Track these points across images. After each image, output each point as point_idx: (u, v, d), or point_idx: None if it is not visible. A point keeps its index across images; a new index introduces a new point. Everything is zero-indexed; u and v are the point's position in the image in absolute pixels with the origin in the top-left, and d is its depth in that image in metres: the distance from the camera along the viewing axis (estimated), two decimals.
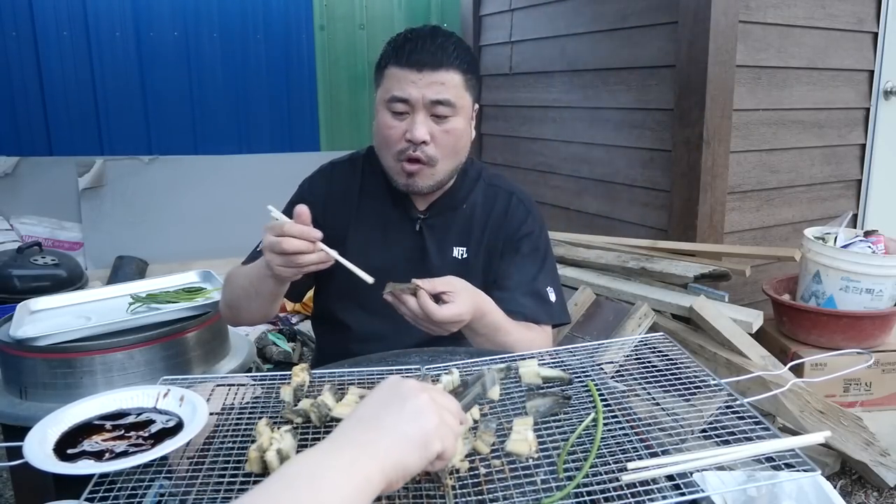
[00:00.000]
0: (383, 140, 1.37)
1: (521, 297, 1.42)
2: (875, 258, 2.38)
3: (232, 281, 1.41)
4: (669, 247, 2.65)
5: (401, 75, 1.32)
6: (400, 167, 1.36)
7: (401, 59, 1.32)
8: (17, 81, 3.60)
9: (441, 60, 1.31)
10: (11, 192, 3.59)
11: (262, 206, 1.24)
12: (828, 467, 2.12)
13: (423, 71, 1.30)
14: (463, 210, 1.48)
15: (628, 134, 3.00)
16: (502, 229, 1.48)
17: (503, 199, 1.50)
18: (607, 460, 0.82)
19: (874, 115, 3.09)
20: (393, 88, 1.33)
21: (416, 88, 1.31)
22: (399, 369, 1.10)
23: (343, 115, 4.31)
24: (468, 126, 1.40)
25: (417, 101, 1.31)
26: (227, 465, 0.86)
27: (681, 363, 1.08)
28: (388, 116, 1.35)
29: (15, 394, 1.33)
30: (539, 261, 1.49)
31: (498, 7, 3.76)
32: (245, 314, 1.40)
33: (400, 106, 1.33)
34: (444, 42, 1.33)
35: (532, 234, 1.49)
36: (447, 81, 1.32)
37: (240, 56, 4.01)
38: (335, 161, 1.56)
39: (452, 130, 1.35)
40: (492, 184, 1.52)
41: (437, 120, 1.33)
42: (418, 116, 1.32)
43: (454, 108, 1.33)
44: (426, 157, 1.34)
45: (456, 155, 1.39)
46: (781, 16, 2.70)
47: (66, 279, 2.82)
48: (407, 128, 1.33)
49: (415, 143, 1.32)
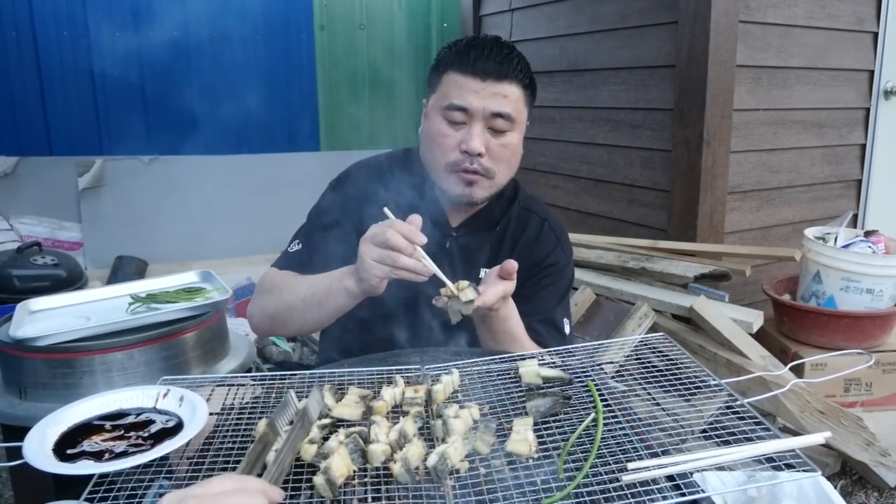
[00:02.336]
0: (436, 148, 1.32)
1: (536, 324, 1.40)
2: (875, 258, 2.38)
3: (282, 290, 1.33)
4: (669, 247, 2.65)
5: (462, 82, 1.27)
6: (456, 178, 1.31)
7: (465, 65, 1.27)
8: (17, 81, 3.59)
9: (506, 72, 1.27)
10: (11, 192, 3.59)
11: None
12: (828, 468, 2.12)
13: (486, 80, 1.26)
14: (496, 231, 1.45)
15: (628, 134, 3.00)
16: (531, 255, 1.44)
17: (535, 224, 1.47)
18: (607, 460, 0.82)
19: (874, 115, 3.09)
20: (452, 96, 1.28)
21: (478, 98, 1.26)
22: (399, 369, 1.10)
23: (343, 115, 4.31)
24: (521, 142, 1.37)
25: (477, 112, 1.27)
26: (227, 465, 0.86)
27: (681, 363, 1.08)
28: (444, 124, 1.30)
29: (14, 394, 1.33)
30: (560, 293, 1.46)
31: (498, 7, 3.76)
32: (293, 326, 1.33)
33: (458, 115, 1.28)
34: (510, 54, 1.30)
35: (558, 265, 1.46)
36: (509, 94, 1.28)
37: (240, 56, 4.01)
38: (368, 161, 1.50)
39: (509, 145, 1.31)
40: (526, 207, 1.49)
41: (494, 133, 1.29)
42: (475, 128, 1.27)
43: (512, 123, 1.30)
44: (483, 169, 1.30)
45: (510, 169, 1.36)
46: (781, 16, 2.70)
47: (66, 279, 2.81)
48: (462, 138, 1.28)
49: (470, 155, 1.28)
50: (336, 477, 0.78)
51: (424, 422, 0.94)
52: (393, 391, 0.99)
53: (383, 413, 0.95)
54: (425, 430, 0.92)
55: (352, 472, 0.82)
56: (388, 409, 0.96)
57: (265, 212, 3.82)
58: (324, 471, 0.78)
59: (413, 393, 0.98)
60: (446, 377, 1.02)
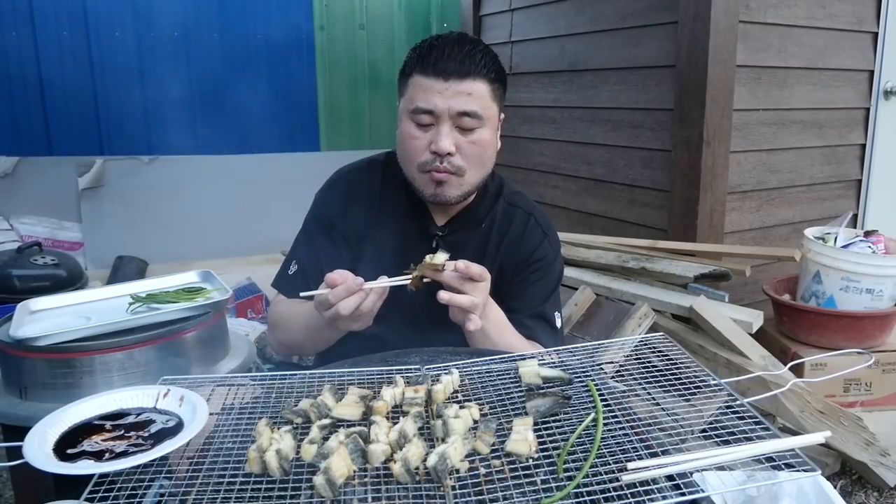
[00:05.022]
0: (407, 151, 1.33)
1: (527, 319, 1.41)
2: (875, 258, 2.38)
3: (288, 326, 1.42)
4: (669, 247, 2.65)
5: (426, 85, 1.27)
6: (427, 178, 1.32)
7: (426, 67, 1.28)
8: (17, 81, 3.59)
9: (468, 69, 1.27)
10: (11, 192, 3.59)
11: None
12: (828, 467, 2.12)
13: (449, 80, 1.26)
14: (481, 228, 1.46)
15: (628, 134, 3.00)
16: (517, 251, 1.45)
17: (521, 219, 1.47)
18: (607, 460, 0.82)
19: (874, 115, 3.09)
20: (417, 99, 1.28)
21: (442, 99, 1.26)
22: (399, 369, 1.10)
23: (343, 115, 4.31)
24: (494, 136, 1.36)
25: (443, 112, 1.27)
26: (227, 465, 0.86)
27: (681, 363, 1.08)
28: (413, 127, 1.31)
29: (15, 394, 1.33)
30: (549, 287, 1.47)
31: (498, 7, 3.76)
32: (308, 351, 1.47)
33: (425, 118, 1.29)
34: (472, 50, 1.28)
35: (545, 259, 1.46)
36: (474, 92, 1.28)
37: (240, 56, 4.01)
38: (351, 168, 1.52)
39: (479, 142, 1.31)
40: (511, 203, 1.49)
41: (463, 131, 1.30)
42: (443, 128, 1.28)
43: (480, 120, 1.30)
44: (453, 167, 1.31)
45: (482, 166, 1.36)
46: (781, 16, 2.70)
47: (66, 279, 2.81)
48: (432, 139, 1.29)
49: (440, 155, 1.29)
50: (336, 477, 0.78)
51: (424, 422, 0.94)
52: (393, 391, 0.99)
53: (383, 413, 0.95)
54: (425, 431, 0.92)
55: (352, 472, 0.82)
56: (388, 409, 0.96)
57: (265, 212, 3.82)
58: (324, 471, 0.78)
59: (413, 393, 0.98)
60: (446, 377, 1.02)
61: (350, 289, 1.13)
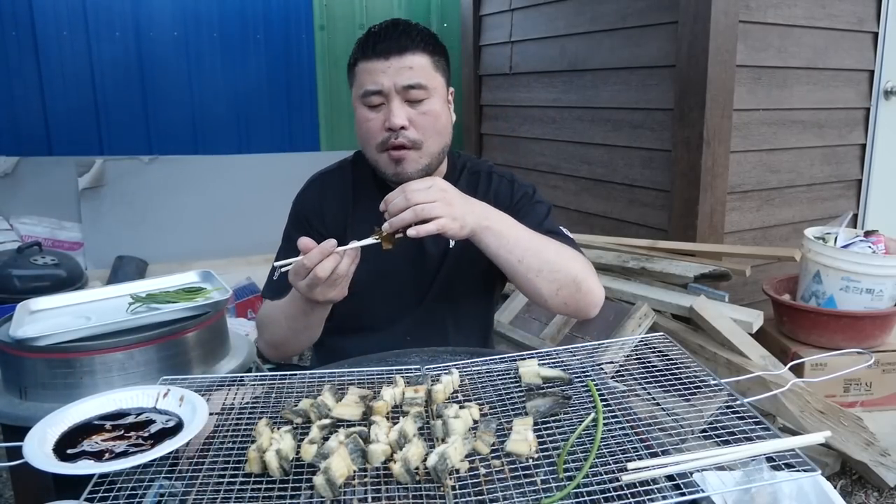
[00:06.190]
0: (364, 134, 1.38)
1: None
2: (875, 258, 2.38)
3: (272, 322, 1.43)
4: (669, 247, 2.65)
5: (370, 67, 1.33)
6: (386, 157, 1.36)
7: (367, 51, 1.33)
8: (17, 81, 3.59)
9: (406, 44, 1.32)
10: (11, 192, 3.59)
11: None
12: (828, 467, 2.12)
13: (389, 58, 1.31)
14: None
15: (628, 134, 3.00)
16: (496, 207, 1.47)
17: (484, 181, 1.51)
18: (607, 460, 0.82)
19: (874, 115, 3.09)
20: (365, 83, 1.34)
21: (387, 77, 1.31)
22: (399, 369, 1.10)
23: (343, 115, 4.31)
24: (445, 107, 1.41)
25: (390, 89, 1.32)
26: (227, 465, 0.86)
27: (681, 363, 1.08)
28: (366, 111, 1.36)
29: (15, 394, 1.33)
30: (543, 210, 1.48)
31: (498, 7, 3.76)
32: (295, 347, 1.44)
33: (375, 99, 1.33)
34: (407, 28, 1.35)
35: (525, 196, 1.49)
36: (415, 65, 1.33)
37: (240, 56, 4.01)
38: (323, 171, 1.57)
39: (430, 112, 1.35)
40: (473, 171, 1.53)
41: (413, 104, 1.34)
42: (394, 104, 1.32)
43: (427, 91, 1.34)
44: (409, 141, 1.34)
45: (439, 136, 1.39)
46: (781, 16, 2.70)
47: (66, 279, 2.82)
48: (385, 117, 1.33)
49: (394, 130, 1.33)
50: (336, 477, 0.78)
51: (424, 422, 0.94)
52: (393, 391, 0.99)
53: (383, 413, 0.95)
54: (425, 431, 0.92)
55: (352, 472, 0.82)
56: (388, 409, 0.96)
57: (265, 212, 3.79)
58: (324, 471, 0.78)
59: (413, 393, 0.98)
60: (446, 377, 1.03)
61: (324, 251, 1.15)
